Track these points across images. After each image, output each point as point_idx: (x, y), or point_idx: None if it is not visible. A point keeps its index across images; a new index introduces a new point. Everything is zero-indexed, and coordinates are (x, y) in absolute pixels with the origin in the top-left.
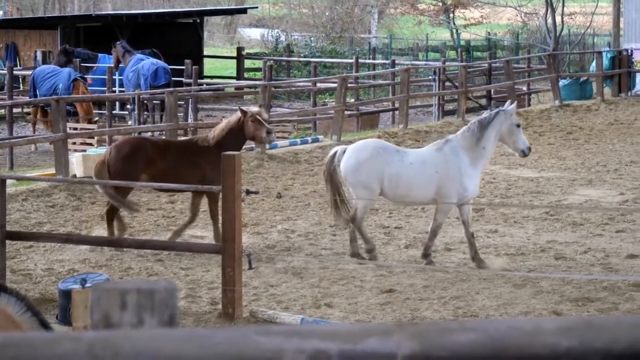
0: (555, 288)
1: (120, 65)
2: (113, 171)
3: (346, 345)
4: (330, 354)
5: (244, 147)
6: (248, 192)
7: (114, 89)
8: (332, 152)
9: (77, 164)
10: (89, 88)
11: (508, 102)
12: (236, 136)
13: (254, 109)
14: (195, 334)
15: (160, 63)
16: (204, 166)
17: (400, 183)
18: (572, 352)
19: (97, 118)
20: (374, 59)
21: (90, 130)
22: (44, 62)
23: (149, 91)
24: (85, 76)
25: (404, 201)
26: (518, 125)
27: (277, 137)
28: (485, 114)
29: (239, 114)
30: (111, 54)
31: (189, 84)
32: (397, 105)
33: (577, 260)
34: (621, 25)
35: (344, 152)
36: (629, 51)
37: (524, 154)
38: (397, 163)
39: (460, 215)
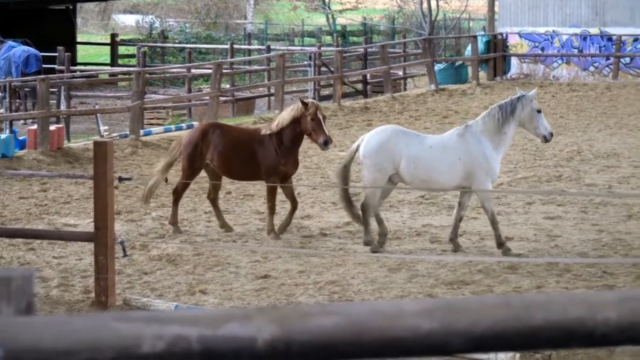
0: (430, 271)
1: None
2: (182, 153)
3: (206, 330)
4: (190, 340)
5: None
6: (121, 179)
7: None
8: (355, 144)
9: None
10: None
11: (534, 90)
12: (296, 127)
13: (312, 101)
14: (52, 321)
15: (32, 50)
16: (260, 155)
17: (419, 166)
18: (433, 334)
19: None
20: (249, 44)
21: None
22: None
23: (20, 79)
24: None
25: (425, 186)
26: (539, 111)
27: (151, 124)
28: (506, 99)
29: (300, 105)
30: None
31: (61, 71)
32: (272, 90)
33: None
34: (496, 9)
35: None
36: (504, 35)
37: (546, 139)
38: (416, 146)
39: (459, 197)
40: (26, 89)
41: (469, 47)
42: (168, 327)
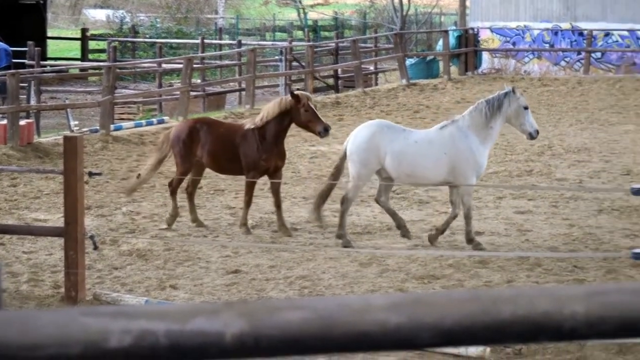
0: (401, 266)
1: None
2: (172, 150)
3: (174, 325)
4: (158, 334)
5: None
6: (91, 174)
7: None
8: (345, 142)
9: None
10: None
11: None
12: (283, 120)
13: (302, 93)
14: (19, 316)
15: (2, 45)
16: (241, 149)
17: (404, 161)
18: (402, 328)
19: None
20: (220, 39)
21: None
22: None
23: None
24: None
25: (411, 181)
26: (526, 108)
27: (122, 119)
28: (494, 94)
29: (289, 97)
30: None
31: (31, 66)
32: (243, 85)
33: (423, 238)
34: (467, 4)
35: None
36: (475, 30)
37: (531, 136)
38: (401, 141)
39: (450, 195)
40: None
41: (440, 42)
42: (135, 321)
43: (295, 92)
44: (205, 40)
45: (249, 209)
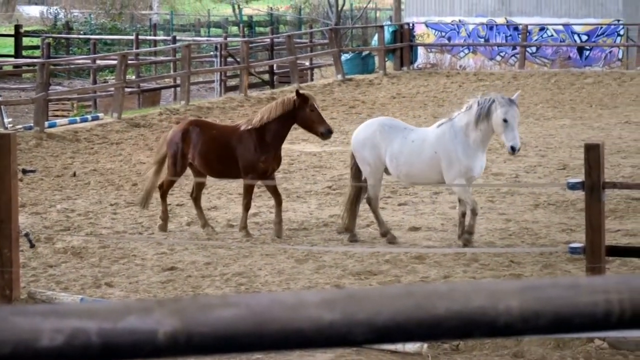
0: (337, 262)
1: None
2: (167, 152)
3: (106, 323)
4: (90, 333)
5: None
6: (25, 172)
7: None
8: None
9: None
10: None
11: (517, 93)
12: (285, 120)
13: (307, 93)
14: None
15: None
16: (238, 151)
17: (400, 161)
18: (335, 325)
19: None
20: (155, 35)
21: None
22: None
23: None
24: None
25: (410, 180)
26: (505, 121)
27: (56, 116)
28: (485, 96)
29: (294, 96)
30: None
31: None
32: (178, 81)
33: (359, 234)
34: None
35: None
36: (411, 25)
37: (510, 150)
38: (400, 140)
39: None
40: None
41: (376, 37)
42: (67, 320)
43: (301, 92)
44: (140, 37)
45: (247, 212)
